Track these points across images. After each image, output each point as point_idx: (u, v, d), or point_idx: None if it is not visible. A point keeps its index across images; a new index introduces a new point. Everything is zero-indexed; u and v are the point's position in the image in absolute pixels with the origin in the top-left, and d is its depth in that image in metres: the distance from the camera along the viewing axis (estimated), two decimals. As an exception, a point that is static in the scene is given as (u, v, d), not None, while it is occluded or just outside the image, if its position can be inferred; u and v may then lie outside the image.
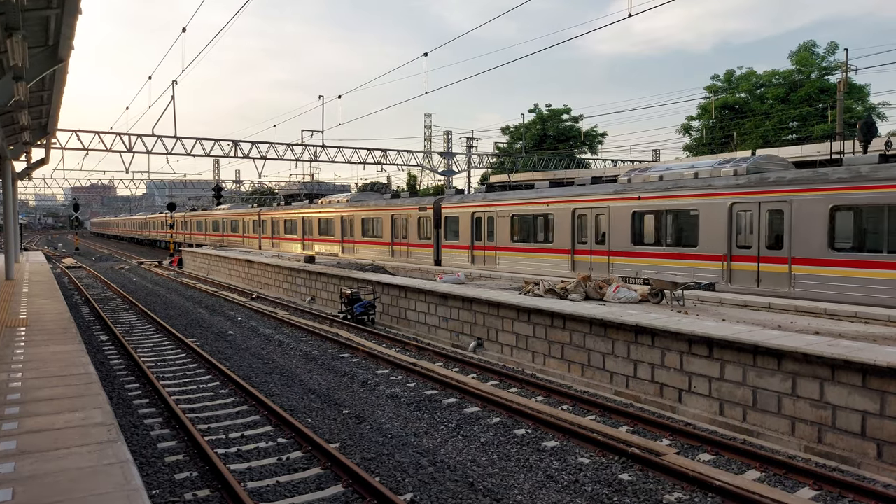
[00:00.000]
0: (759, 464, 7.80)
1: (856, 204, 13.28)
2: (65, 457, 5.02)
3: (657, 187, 17.37)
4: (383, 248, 29.72)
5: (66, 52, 12.31)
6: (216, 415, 10.15)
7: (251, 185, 79.83)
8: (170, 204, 53.85)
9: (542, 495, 7.14)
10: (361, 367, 13.27)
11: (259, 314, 20.96)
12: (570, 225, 19.84)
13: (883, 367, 7.52)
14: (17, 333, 10.47)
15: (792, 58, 47.17)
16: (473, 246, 24.19)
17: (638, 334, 10.62)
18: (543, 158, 53.76)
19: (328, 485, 7.40)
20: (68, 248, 71.32)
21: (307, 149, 41.34)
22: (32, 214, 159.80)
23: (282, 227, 40.72)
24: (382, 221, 29.74)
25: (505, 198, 22.78)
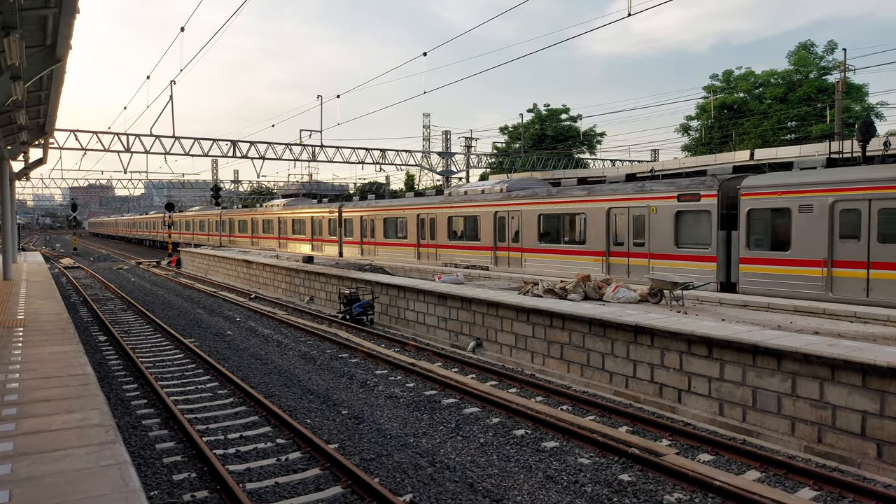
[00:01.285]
0: (759, 464, 7.79)
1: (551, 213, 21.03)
2: (62, 458, 4.99)
3: (463, 199, 25.11)
4: (307, 244, 37.50)
5: (64, 51, 12.27)
6: (215, 415, 10.12)
7: (249, 185, 79.77)
8: (168, 204, 53.82)
9: (541, 496, 7.12)
10: (360, 368, 13.25)
11: (257, 314, 20.93)
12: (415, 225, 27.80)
13: (883, 366, 7.52)
14: (15, 334, 10.43)
15: (790, 58, 47.21)
16: (363, 241, 31.83)
17: (637, 334, 10.60)
18: (542, 158, 53.77)
19: (327, 486, 7.38)
20: (66, 248, 71.22)
21: (305, 149, 41.32)
22: (30, 214, 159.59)
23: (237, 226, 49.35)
24: (305, 223, 37.78)
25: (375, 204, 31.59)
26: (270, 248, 41.37)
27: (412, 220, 27.78)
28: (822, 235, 13.80)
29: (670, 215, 16.86)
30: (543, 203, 21.08)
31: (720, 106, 49.52)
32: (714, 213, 15.89)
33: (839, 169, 14.46)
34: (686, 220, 16.63)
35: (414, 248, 27.62)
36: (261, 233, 44.02)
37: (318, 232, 35.98)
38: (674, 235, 16.82)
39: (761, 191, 15.02)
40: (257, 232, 44.61)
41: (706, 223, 16.10)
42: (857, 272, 13.24)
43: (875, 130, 23.59)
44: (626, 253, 18.21)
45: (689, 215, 16.59)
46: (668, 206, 16.92)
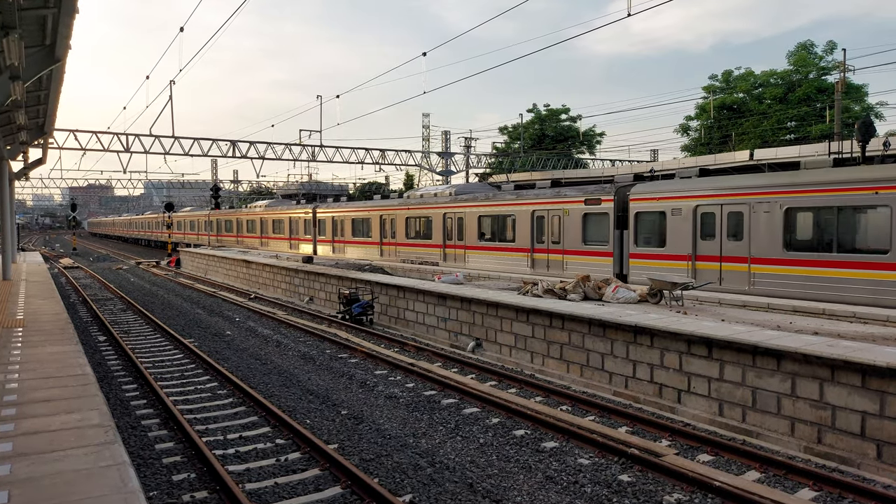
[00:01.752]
0: (759, 464, 7.79)
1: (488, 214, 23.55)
2: (61, 458, 4.99)
3: (418, 202, 27.56)
4: (285, 242, 40.20)
5: (63, 51, 12.26)
6: (214, 416, 10.12)
7: (249, 185, 79.74)
8: (168, 204, 53.90)
9: (541, 496, 7.12)
10: (360, 368, 13.24)
11: (257, 314, 20.92)
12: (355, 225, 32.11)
13: (882, 367, 7.51)
14: (14, 334, 10.42)
15: (790, 58, 47.21)
16: (334, 240, 34.64)
17: (637, 334, 10.60)
18: (542, 158, 53.77)
19: (327, 486, 7.37)
20: (66, 248, 71.18)
21: (305, 149, 41.31)
22: (30, 215, 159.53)
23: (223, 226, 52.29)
24: (284, 223, 40.73)
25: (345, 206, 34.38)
26: (253, 246, 44.29)
27: (376, 220, 30.50)
28: (688, 235, 16.42)
29: (579, 217, 19.49)
30: (482, 206, 23.67)
31: (720, 106, 49.53)
32: (611, 216, 18.52)
33: (704, 178, 16.98)
34: (591, 221, 19.31)
35: (377, 246, 30.38)
36: (245, 232, 47.06)
37: (295, 231, 39.04)
38: (582, 234, 19.44)
39: (645, 196, 17.67)
40: (241, 231, 47.72)
41: (605, 224, 18.81)
42: (713, 265, 15.92)
43: (874, 131, 23.60)
44: (546, 249, 20.74)
45: (593, 217, 19.23)
46: (578, 209, 19.54)
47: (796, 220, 14.42)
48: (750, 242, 14.98)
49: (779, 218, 14.38)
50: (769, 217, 14.55)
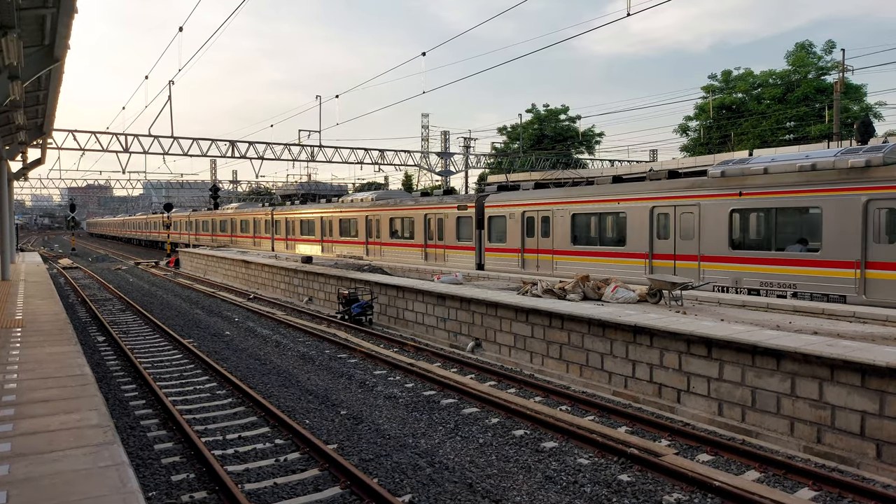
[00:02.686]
0: (759, 464, 7.79)
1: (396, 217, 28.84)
2: (60, 459, 4.98)
3: (349, 206, 33.13)
4: (250, 240, 45.79)
5: (62, 51, 12.26)
6: (213, 416, 10.11)
7: (248, 185, 79.69)
8: (167, 204, 53.95)
9: (541, 496, 7.11)
10: (359, 368, 13.24)
11: (256, 315, 20.91)
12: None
13: (882, 366, 7.51)
14: (13, 334, 10.41)
15: (788, 58, 47.23)
16: (287, 238, 40.00)
17: (636, 334, 10.60)
18: (541, 158, 53.78)
19: (326, 486, 7.36)
20: (65, 248, 71.13)
21: (304, 149, 41.29)
22: (29, 215, 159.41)
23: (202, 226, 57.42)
24: (249, 223, 46.33)
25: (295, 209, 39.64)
26: (225, 243, 49.48)
27: (317, 222, 36.28)
28: (518, 233, 21.79)
29: (454, 220, 25.00)
30: (393, 210, 29.17)
31: (719, 106, 49.54)
32: (473, 218, 23.85)
33: (534, 191, 22.09)
34: (462, 223, 24.66)
35: (320, 243, 36.18)
36: (218, 231, 52.69)
37: (258, 230, 44.59)
38: (456, 233, 24.91)
39: (495, 204, 23.01)
40: (216, 231, 53.29)
41: (470, 225, 24.12)
42: (532, 256, 21.40)
43: (874, 130, 23.61)
44: (434, 245, 26.33)
45: (463, 219, 24.56)
46: (454, 213, 25.03)
47: (576, 223, 20.11)
48: (553, 239, 20.55)
49: (568, 221, 20.09)
50: (563, 220, 20.28)
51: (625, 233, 18.15)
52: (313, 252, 34.84)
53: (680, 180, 17.28)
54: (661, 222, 17.03)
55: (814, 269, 13.84)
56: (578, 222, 19.92)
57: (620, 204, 18.26)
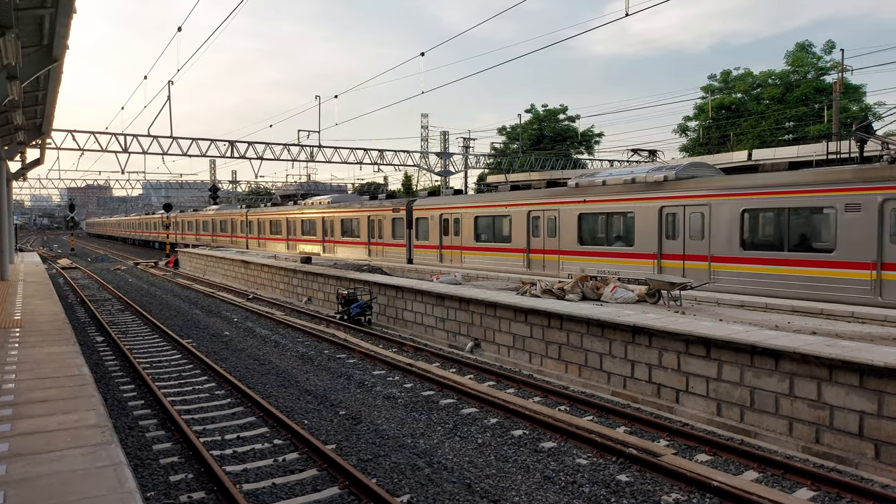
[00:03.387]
0: (757, 464, 7.79)
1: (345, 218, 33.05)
2: (58, 459, 4.98)
3: (307, 208, 37.17)
4: (228, 239, 49.84)
5: (61, 51, 12.26)
6: (212, 416, 10.10)
7: (248, 185, 79.65)
8: (166, 204, 53.99)
9: (539, 496, 7.11)
10: (358, 368, 13.23)
11: (255, 315, 20.90)
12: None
13: (881, 367, 7.52)
14: (12, 334, 10.40)
15: (788, 58, 47.26)
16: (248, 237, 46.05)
17: (635, 334, 10.60)
18: (540, 159, 53.79)
19: (325, 486, 7.36)
20: (64, 248, 71.10)
21: (304, 149, 41.27)
22: (28, 215, 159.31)
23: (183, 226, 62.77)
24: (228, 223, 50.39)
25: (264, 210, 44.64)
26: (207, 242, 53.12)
27: (284, 222, 40.49)
28: (437, 232, 25.81)
29: (390, 220, 28.86)
30: (343, 212, 33.39)
31: (718, 106, 49.56)
32: (405, 220, 27.76)
33: (449, 197, 26.97)
34: (396, 223, 28.57)
35: (285, 241, 39.92)
36: (201, 231, 57.38)
37: (234, 230, 49.36)
38: (392, 232, 28.77)
39: (419, 207, 27.11)
40: (199, 231, 58.10)
41: (402, 224, 28.02)
42: (447, 251, 25.44)
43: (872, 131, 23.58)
44: (376, 242, 30.34)
45: (397, 220, 28.48)
46: (390, 215, 28.81)
47: (478, 224, 23.84)
48: (462, 237, 24.48)
49: (472, 222, 23.93)
50: (468, 221, 24.07)
51: (510, 231, 22.21)
52: (280, 250, 39.59)
53: (550, 189, 21.76)
54: (534, 223, 21.24)
55: (630, 260, 17.96)
56: (480, 223, 23.94)
57: (508, 208, 22.22)
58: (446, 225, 25.30)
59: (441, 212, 25.56)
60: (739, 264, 15.14)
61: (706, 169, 18.12)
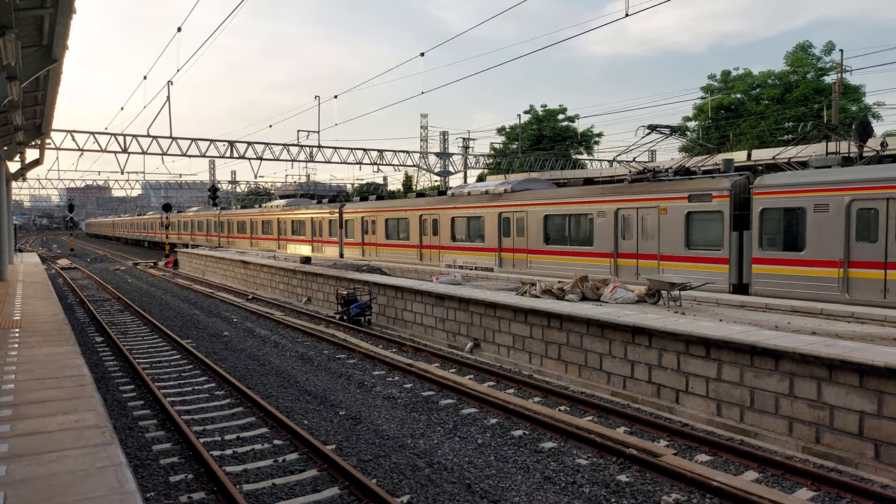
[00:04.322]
0: (757, 464, 7.79)
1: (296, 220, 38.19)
2: (58, 460, 4.97)
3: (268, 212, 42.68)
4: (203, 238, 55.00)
5: (61, 51, 12.25)
6: (211, 416, 10.10)
7: (247, 185, 79.62)
8: (165, 205, 53.97)
9: (539, 497, 7.11)
10: (358, 369, 13.23)
11: (255, 315, 20.89)
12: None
13: (880, 367, 7.52)
14: (11, 335, 10.40)
15: (787, 59, 47.27)
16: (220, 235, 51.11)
17: (635, 335, 10.60)
18: (539, 159, 53.79)
19: (324, 487, 7.36)
20: (63, 248, 71.05)
21: (303, 149, 41.27)
22: (27, 215, 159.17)
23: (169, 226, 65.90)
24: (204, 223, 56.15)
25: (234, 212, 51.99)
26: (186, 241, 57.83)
27: (248, 223, 45.99)
28: (360, 231, 30.69)
29: (328, 221, 34.05)
30: (293, 214, 38.36)
31: (717, 107, 49.57)
32: (338, 221, 32.76)
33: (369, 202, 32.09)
34: (332, 223, 33.61)
35: (249, 240, 45.13)
36: (182, 231, 62.80)
37: (209, 230, 54.48)
38: (328, 231, 34.00)
39: (348, 210, 32.11)
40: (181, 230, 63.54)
41: (336, 225, 33.02)
42: (367, 248, 30.34)
43: (872, 131, 23.59)
44: (318, 240, 35.14)
45: (333, 221, 33.43)
46: (327, 217, 34.04)
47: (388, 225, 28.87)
48: (377, 236, 29.65)
49: (384, 223, 29.13)
50: (381, 222, 29.20)
51: (408, 230, 27.50)
52: (245, 246, 44.89)
53: (437, 197, 26.79)
54: (423, 225, 26.49)
55: (482, 253, 23.06)
56: (389, 224, 28.83)
57: (406, 212, 27.74)
58: (366, 225, 30.47)
59: (362, 215, 30.68)
60: (546, 255, 20.46)
61: (538, 183, 24.13)
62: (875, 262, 12.72)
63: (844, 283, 13.15)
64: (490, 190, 23.38)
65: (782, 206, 14.42)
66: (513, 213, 21.52)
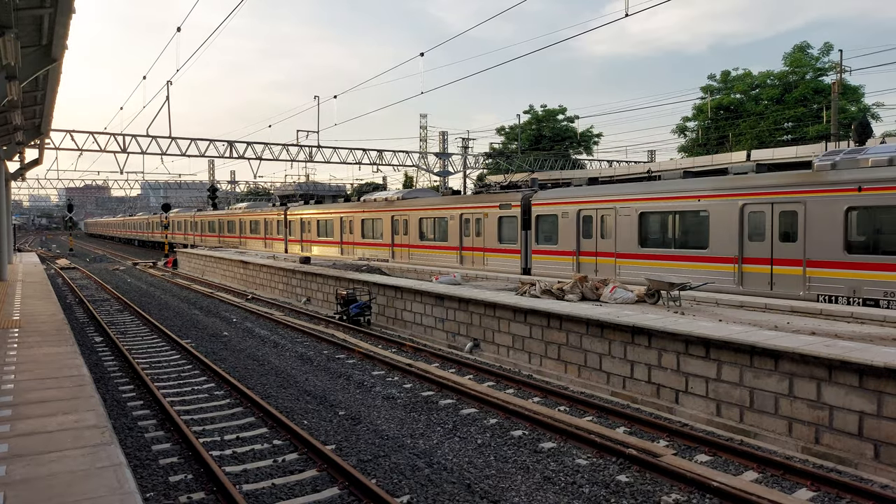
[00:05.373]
0: (757, 464, 7.79)
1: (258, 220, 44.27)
2: (58, 460, 4.97)
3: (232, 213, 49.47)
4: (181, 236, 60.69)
5: (60, 51, 12.24)
6: (211, 416, 10.09)
7: (246, 185, 79.59)
8: (164, 205, 53.99)
9: (539, 497, 7.11)
10: (357, 369, 13.23)
11: (254, 315, 20.89)
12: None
13: (880, 367, 7.52)
14: (11, 335, 10.39)
15: (786, 59, 47.28)
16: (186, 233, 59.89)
17: (634, 335, 10.60)
18: (539, 159, 53.80)
19: (324, 487, 7.36)
20: (62, 248, 71.01)
21: (302, 149, 41.27)
22: (26, 215, 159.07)
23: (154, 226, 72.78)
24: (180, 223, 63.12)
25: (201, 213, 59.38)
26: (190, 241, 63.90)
27: (216, 223, 51.83)
28: (299, 229, 36.19)
29: (276, 221, 39.59)
30: (250, 215, 44.47)
31: (717, 107, 49.58)
32: (283, 221, 38.42)
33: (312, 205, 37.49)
34: (279, 223, 39.28)
35: (217, 238, 51.06)
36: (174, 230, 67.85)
37: (185, 229, 60.36)
38: (276, 229, 39.66)
39: (291, 212, 37.63)
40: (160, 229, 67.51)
41: (281, 225, 38.96)
42: (304, 244, 36.13)
43: (871, 131, 23.65)
44: (269, 237, 41.00)
45: (278, 221, 39.33)
46: (275, 217, 39.88)
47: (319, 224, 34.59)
48: (311, 234, 35.33)
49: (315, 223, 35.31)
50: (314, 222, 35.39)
51: (330, 229, 33.52)
52: (214, 244, 50.43)
53: (352, 203, 33.83)
54: (342, 225, 32.55)
55: (380, 248, 29.37)
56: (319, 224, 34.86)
57: (330, 214, 33.90)
58: (301, 225, 36.81)
59: (300, 216, 37.22)
60: (420, 249, 26.54)
61: (421, 192, 32.35)
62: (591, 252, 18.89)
63: (576, 266, 19.25)
64: (389, 197, 30.55)
65: (546, 213, 20.49)
66: (402, 216, 28.06)
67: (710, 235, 15.68)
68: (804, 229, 13.85)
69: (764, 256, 14.62)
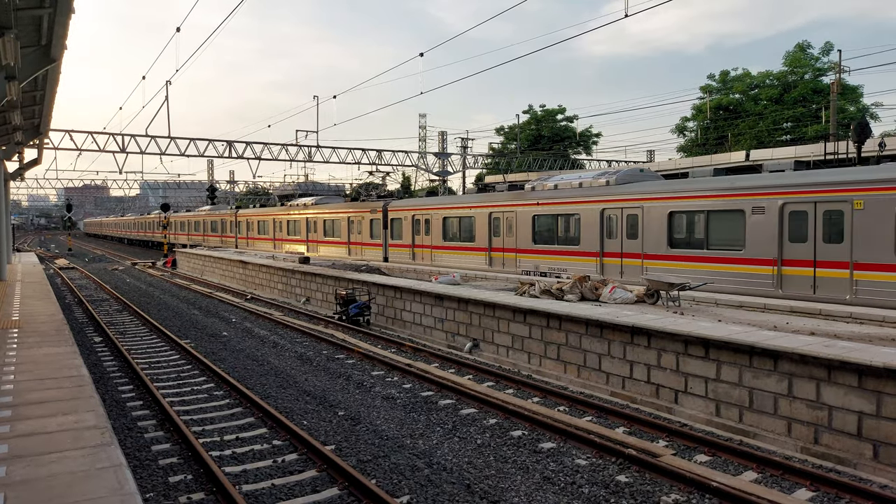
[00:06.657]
0: (756, 465, 7.80)
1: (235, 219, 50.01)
2: (58, 460, 4.97)
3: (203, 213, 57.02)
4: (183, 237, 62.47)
5: (59, 51, 12.23)
6: (211, 417, 10.09)
7: (245, 185, 79.56)
8: (164, 205, 53.96)
9: (539, 497, 7.12)
10: (357, 369, 13.23)
11: (254, 315, 20.88)
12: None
13: (879, 367, 7.53)
14: (10, 335, 10.38)
15: (785, 59, 47.32)
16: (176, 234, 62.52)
17: (634, 335, 10.61)
18: (538, 159, 53.81)
19: (324, 487, 7.36)
20: (61, 248, 70.95)
21: (302, 149, 41.26)
22: (25, 215, 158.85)
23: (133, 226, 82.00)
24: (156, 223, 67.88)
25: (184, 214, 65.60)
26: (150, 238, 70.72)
27: (188, 223, 57.57)
28: (256, 229, 43.41)
29: (229, 222, 46.99)
30: (212, 216, 51.05)
31: (716, 107, 49.61)
32: (234, 222, 46.90)
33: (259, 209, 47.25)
34: (232, 224, 46.78)
35: (187, 236, 57.00)
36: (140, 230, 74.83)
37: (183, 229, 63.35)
38: (226, 229, 46.99)
39: (241, 214, 46.68)
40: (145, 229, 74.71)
41: (233, 226, 47.78)
42: (253, 241, 44.32)
43: (870, 131, 23.65)
44: (225, 236, 47.61)
45: (233, 222, 46.51)
46: (229, 219, 48.06)
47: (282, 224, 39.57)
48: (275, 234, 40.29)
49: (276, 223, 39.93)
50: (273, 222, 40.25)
51: (295, 228, 37.54)
52: (185, 241, 55.88)
53: (317, 206, 35.67)
54: (308, 225, 36.05)
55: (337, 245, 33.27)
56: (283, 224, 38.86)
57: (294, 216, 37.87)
58: (255, 226, 42.70)
59: (248, 218, 43.16)
60: (375, 247, 29.67)
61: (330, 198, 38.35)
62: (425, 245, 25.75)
63: (412, 255, 26.43)
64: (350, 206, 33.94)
65: (398, 217, 27.97)
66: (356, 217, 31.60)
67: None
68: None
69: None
